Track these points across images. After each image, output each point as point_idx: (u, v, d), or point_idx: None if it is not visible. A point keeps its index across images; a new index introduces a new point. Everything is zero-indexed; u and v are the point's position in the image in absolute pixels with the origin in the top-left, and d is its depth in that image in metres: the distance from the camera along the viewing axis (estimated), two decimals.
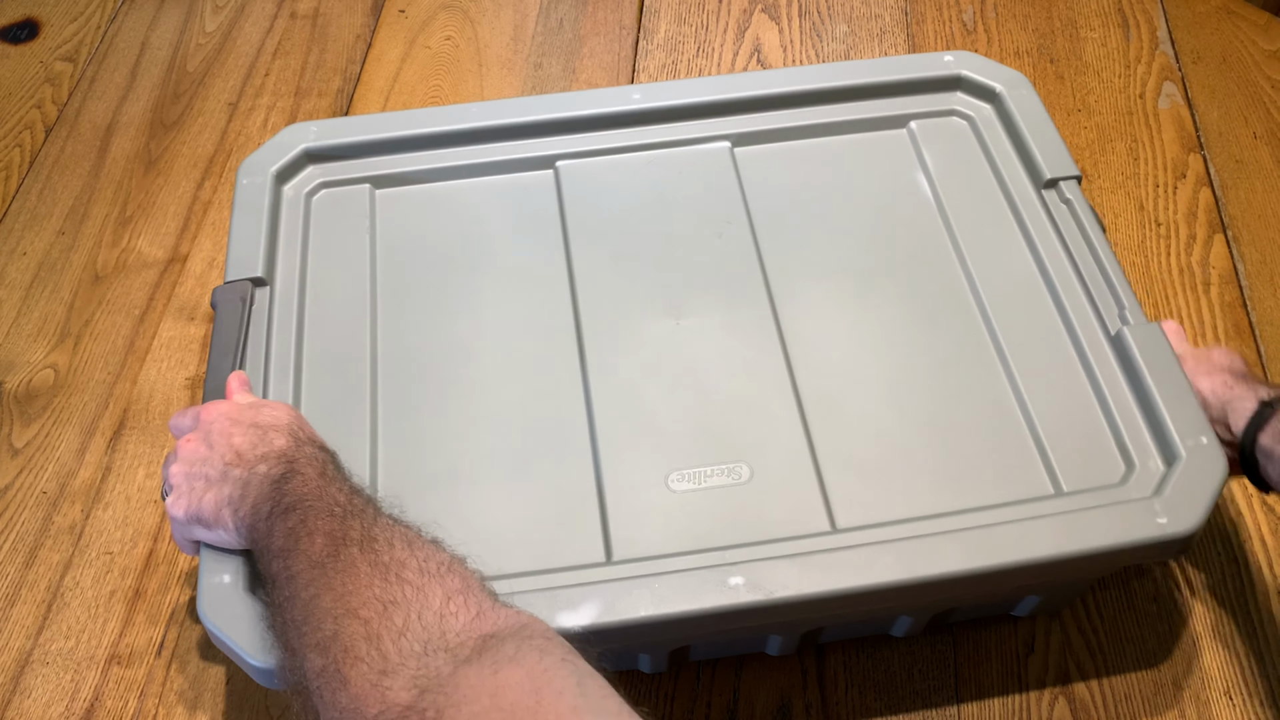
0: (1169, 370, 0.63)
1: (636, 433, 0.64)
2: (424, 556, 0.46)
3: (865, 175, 0.78)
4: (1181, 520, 0.57)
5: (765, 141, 0.79)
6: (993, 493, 0.61)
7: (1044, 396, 0.65)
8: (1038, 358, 0.67)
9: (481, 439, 0.64)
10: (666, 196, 0.76)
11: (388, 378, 0.67)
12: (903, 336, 0.69)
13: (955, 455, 0.63)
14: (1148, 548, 0.57)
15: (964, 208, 0.75)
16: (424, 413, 0.66)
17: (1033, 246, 0.72)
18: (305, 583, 0.47)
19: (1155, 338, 0.64)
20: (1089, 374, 0.65)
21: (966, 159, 0.78)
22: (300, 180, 0.77)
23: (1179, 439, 0.60)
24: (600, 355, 0.67)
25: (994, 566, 0.56)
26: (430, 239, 0.75)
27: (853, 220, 0.75)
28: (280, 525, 0.50)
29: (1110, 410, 0.63)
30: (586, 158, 0.78)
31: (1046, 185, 0.74)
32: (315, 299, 0.70)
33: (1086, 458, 0.62)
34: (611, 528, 0.60)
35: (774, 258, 0.72)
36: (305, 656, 0.44)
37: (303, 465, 0.54)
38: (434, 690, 0.39)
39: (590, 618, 0.53)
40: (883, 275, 0.72)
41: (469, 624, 0.43)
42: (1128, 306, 0.66)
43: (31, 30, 1.16)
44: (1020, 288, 0.70)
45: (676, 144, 0.79)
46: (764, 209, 0.75)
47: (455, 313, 0.70)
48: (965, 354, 0.68)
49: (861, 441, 0.64)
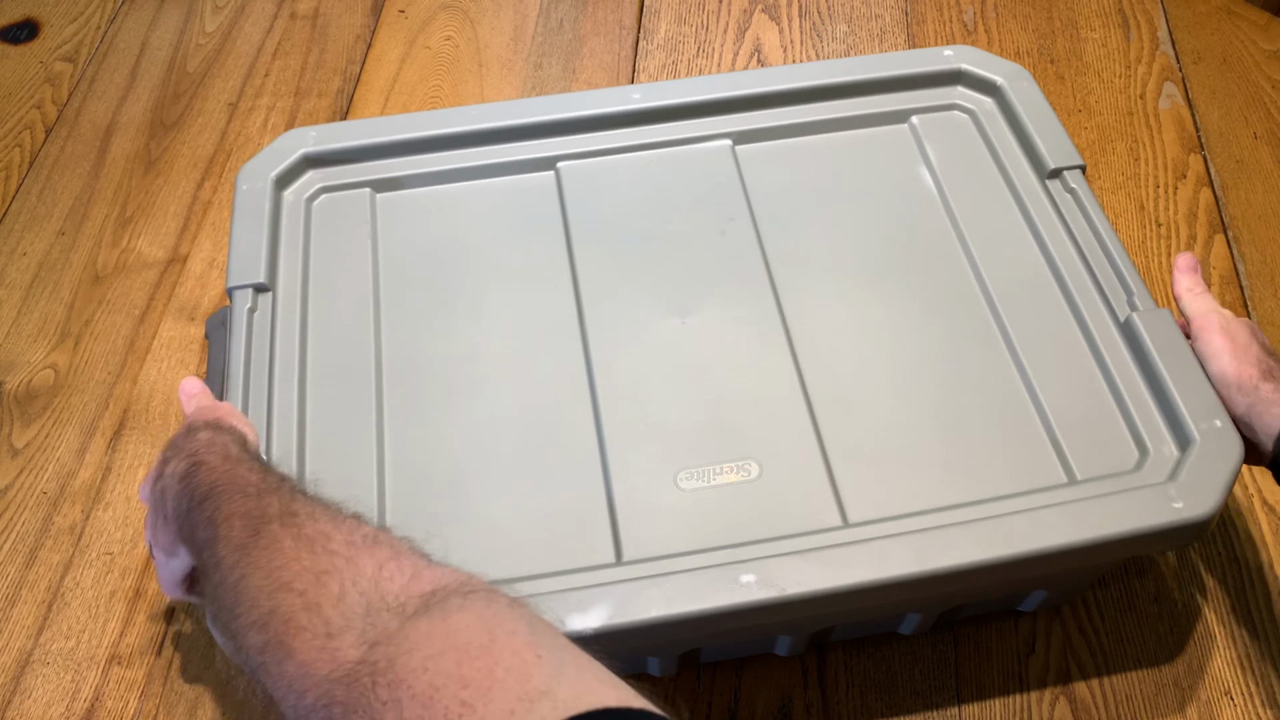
0: (1180, 355, 0.62)
1: (644, 432, 0.64)
2: (349, 529, 0.45)
3: (867, 170, 0.77)
4: (1197, 505, 0.56)
5: (766, 139, 0.79)
6: (1005, 483, 0.61)
7: (1055, 385, 0.65)
8: (1047, 346, 0.66)
9: (488, 442, 0.64)
10: (668, 195, 0.76)
11: (392, 382, 0.67)
12: (909, 329, 0.69)
13: (966, 446, 0.63)
14: (1164, 534, 0.57)
15: (968, 200, 0.74)
16: (430, 416, 0.66)
17: (1038, 237, 0.71)
18: (230, 565, 0.45)
19: (1165, 323, 0.64)
20: (1099, 361, 0.65)
21: (969, 152, 0.77)
22: (300, 185, 0.76)
23: (1192, 423, 0.60)
24: (605, 354, 0.67)
25: (1009, 556, 0.55)
26: (432, 243, 0.74)
27: (856, 215, 0.75)
28: (199, 516, 0.49)
29: (1122, 397, 0.63)
30: (587, 158, 0.78)
31: (1050, 175, 0.74)
32: (318, 304, 0.70)
33: (1099, 445, 0.62)
34: (621, 528, 0.59)
35: (778, 254, 0.72)
36: (245, 636, 0.43)
37: (203, 453, 0.52)
38: (384, 643, 0.38)
39: (602, 619, 0.53)
40: (888, 269, 0.72)
41: (406, 585, 0.41)
42: (1136, 293, 0.66)
43: (31, 30, 1.16)
44: (1027, 278, 0.70)
45: (677, 143, 0.79)
46: (767, 206, 0.75)
47: (459, 316, 0.70)
48: (973, 344, 0.68)
49: (871, 435, 0.64)
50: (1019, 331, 0.67)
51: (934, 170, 0.76)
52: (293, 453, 0.62)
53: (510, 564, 0.58)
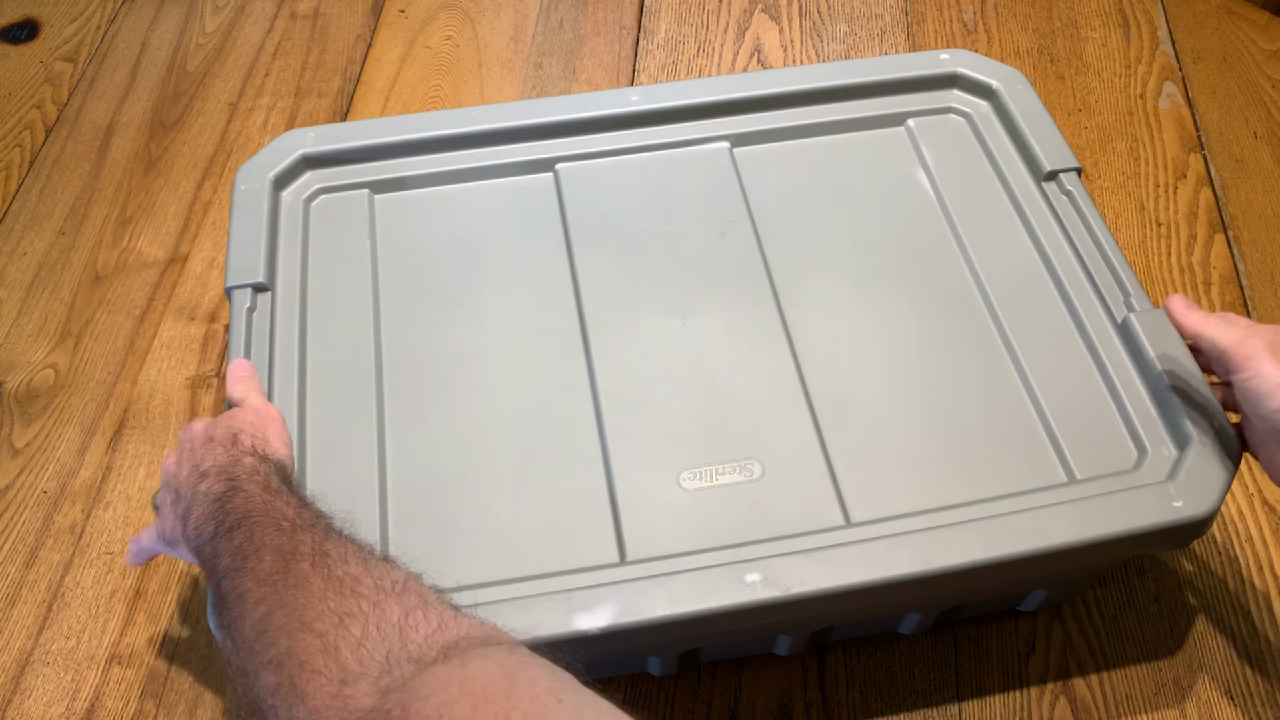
0: (1177, 355, 0.63)
1: (646, 432, 0.64)
2: (379, 574, 0.44)
3: (864, 173, 0.78)
4: (1196, 504, 0.57)
5: (764, 141, 0.79)
6: (1006, 482, 0.61)
7: (1053, 385, 0.65)
8: (1045, 347, 0.67)
9: (489, 443, 0.64)
10: (667, 197, 0.76)
11: (392, 382, 0.67)
12: (908, 330, 0.69)
13: (966, 446, 0.63)
14: (1164, 533, 0.57)
15: (965, 202, 0.75)
16: (430, 416, 0.66)
17: (1035, 239, 0.72)
18: (255, 600, 0.44)
19: (1161, 324, 0.64)
20: (1097, 362, 0.65)
21: (965, 155, 0.78)
22: (298, 186, 0.76)
23: (1190, 423, 0.60)
24: (606, 355, 0.67)
25: (1011, 555, 0.56)
26: (431, 244, 0.74)
27: (853, 217, 0.75)
28: (226, 544, 0.48)
29: (1120, 397, 0.63)
30: (586, 160, 0.78)
31: (1046, 178, 0.74)
32: (317, 304, 0.70)
33: (1098, 445, 0.62)
34: (624, 528, 0.60)
35: (777, 256, 0.72)
36: (259, 675, 0.42)
37: (244, 480, 0.51)
38: (398, 690, 0.37)
39: (607, 619, 0.53)
40: (885, 270, 0.72)
41: (431, 634, 0.41)
42: (1133, 294, 0.66)
43: (31, 30, 1.16)
44: (1025, 280, 0.70)
45: (676, 145, 0.79)
46: (765, 208, 0.75)
47: (458, 317, 0.70)
48: (971, 345, 0.68)
49: (872, 435, 0.64)
50: (1017, 332, 0.67)
51: (930, 173, 0.77)
52: (293, 452, 0.62)
53: (512, 564, 0.58)
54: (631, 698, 0.69)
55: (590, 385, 0.66)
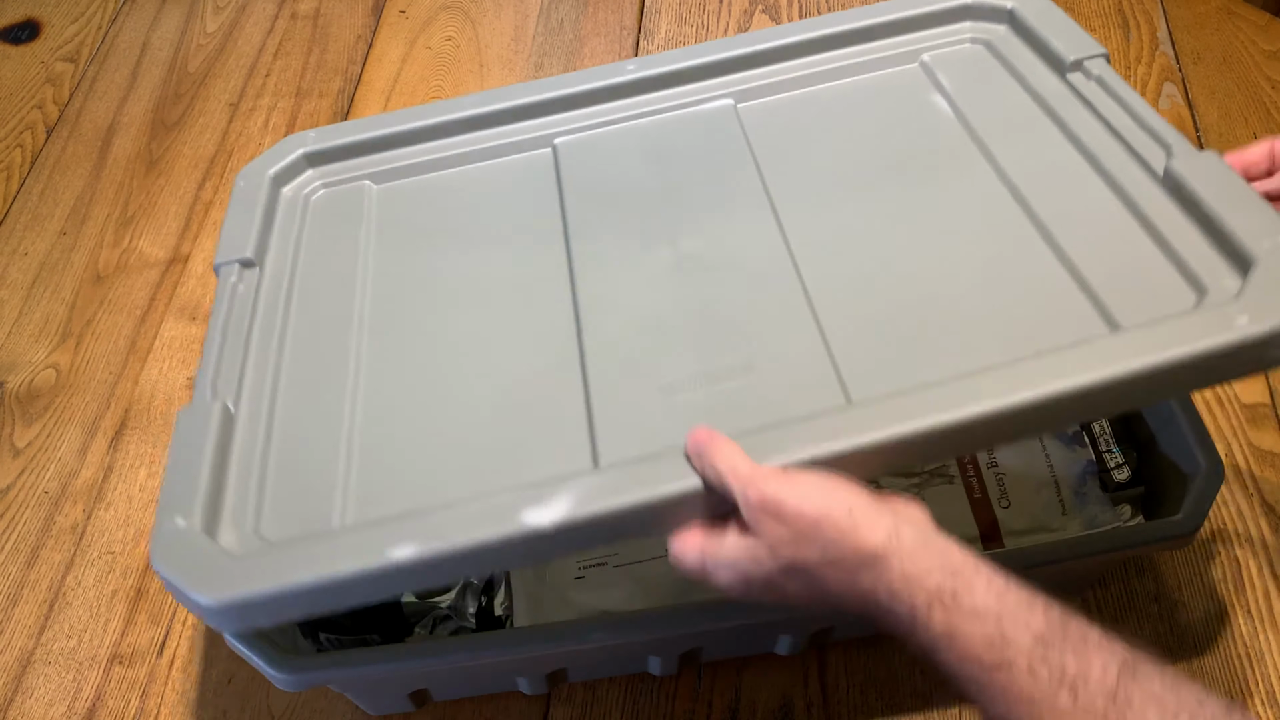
0: (1230, 183, 0.57)
1: (625, 338, 0.61)
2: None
3: (877, 107, 0.74)
4: (1265, 318, 0.50)
5: (770, 94, 0.77)
6: (1038, 341, 0.55)
7: (1089, 243, 0.60)
8: (1079, 215, 0.62)
9: (468, 369, 0.62)
10: (670, 158, 0.74)
11: (373, 330, 0.66)
12: (924, 224, 0.65)
13: (990, 310, 0.59)
14: (1228, 355, 0.50)
15: (984, 111, 0.70)
16: (407, 358, 0.65)
17: (1063, 126, 0.67)
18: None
19: (1210, 162, 0.59)
20: (1140, 218, 0.60)
21: (985, 73, 0.72)
22: (299, 183, 0.77)
23: (1251, 243, 0.54)
24: (590, 276, 0.64)
25: (1052, 394, 0.50)
26: (426, 224, 0.74)
27: (866, 140, 0.71)
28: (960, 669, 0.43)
29: (1167, 243, 0.58)
30: (584, 132, 0.77)
31: (1070, 69, 0.69)
32: (306, 278, 0.70)
33: (1147, 291, 0.57)
34: (598, 434, 0.56)
35: (775, 176, 0.68)
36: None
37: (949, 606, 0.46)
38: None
39: (565, 511, 0.49)
40: (899, 179, 0.68)
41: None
42: (1174, 144, 0.61)
43: (32, 31, 1.16)
44: (1054, 164, 0.65)
45: (677, 107, 0.78)
46: (769, 147, 0.72)
47: (445, 274, 0.70)
48: (993, 225, 0.63)
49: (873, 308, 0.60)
50: (1046, 210, 0.63)
51: (948, 94, 0.72)
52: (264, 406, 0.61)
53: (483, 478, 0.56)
54: (632, 697, 0.69)
55: (572, 302, 0.64)
